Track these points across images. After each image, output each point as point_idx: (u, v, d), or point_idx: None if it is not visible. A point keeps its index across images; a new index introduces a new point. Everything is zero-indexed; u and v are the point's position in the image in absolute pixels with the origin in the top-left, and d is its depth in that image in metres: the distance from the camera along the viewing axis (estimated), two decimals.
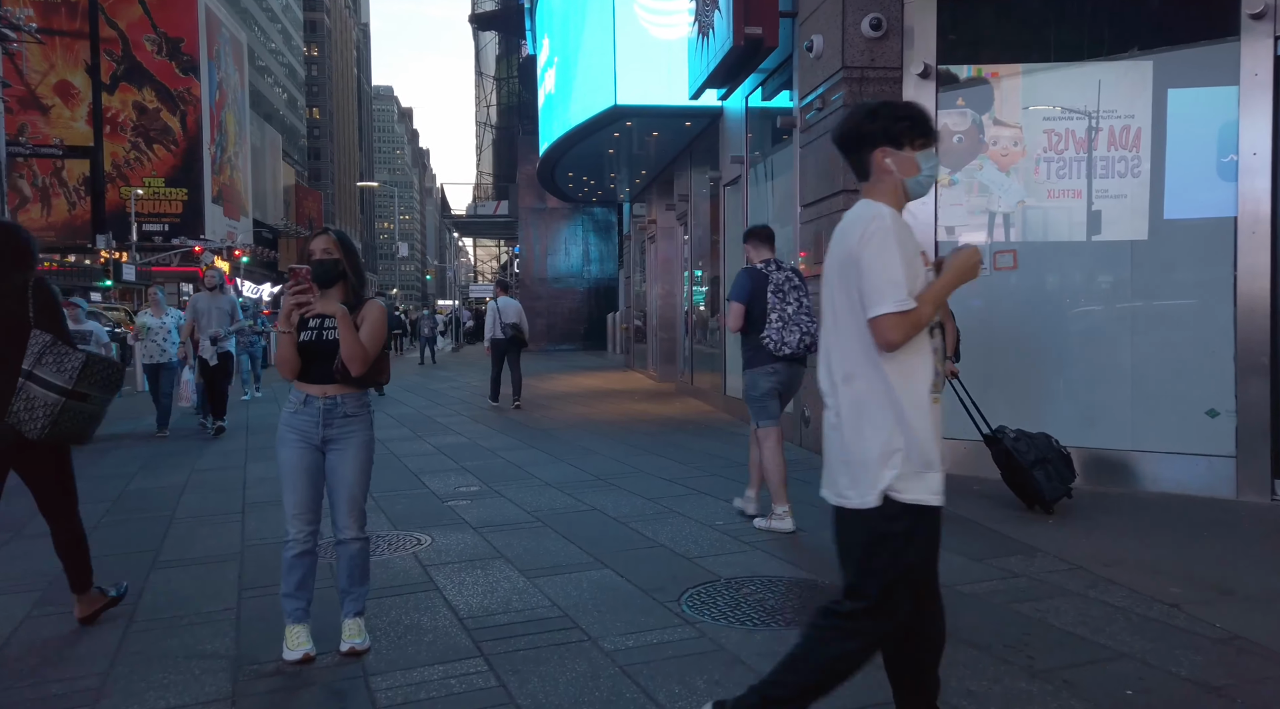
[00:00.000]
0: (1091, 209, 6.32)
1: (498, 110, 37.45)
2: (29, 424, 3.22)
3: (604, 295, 30.78)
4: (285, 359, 3.13)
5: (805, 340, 4.88)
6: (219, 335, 9.29)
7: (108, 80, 68.07)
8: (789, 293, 4.92)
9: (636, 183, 16.06)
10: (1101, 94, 6.17)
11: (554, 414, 10.82)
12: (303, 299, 3.05)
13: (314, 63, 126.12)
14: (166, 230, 68.58)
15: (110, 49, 68.08)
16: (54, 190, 67.45)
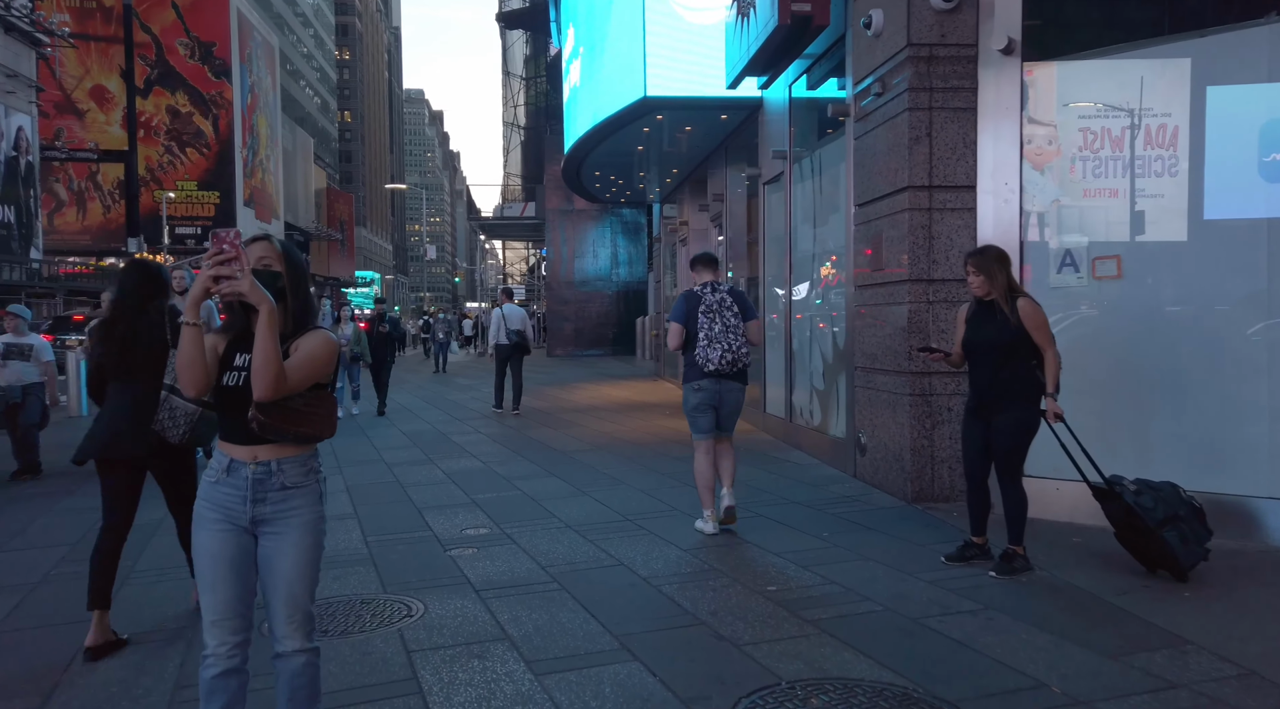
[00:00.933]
0: (1135, 209, 5.51)
1: (526, 110, 36.80)
2: (171, 431, 3.67)
3: (633, 299, 29.94)
4: (190, 363, 2.23)
5: (728, 357, 5.17)
6: None
7: (141, 85, 68.58)
8: (718, 313, 5.20)
9: (667, 182, 15.18)
10: (1136, 91, 5.51)
11: (578, 432, 9.99)
12: (225, 271, 2.17)
13: (345, 66, 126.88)
14: (199, 233, 68.97)
15: (144, 53, 68.45)
16: (89, 194, 68.02)
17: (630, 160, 13.71)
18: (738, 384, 5.38)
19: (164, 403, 3.65)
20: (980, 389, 4.43)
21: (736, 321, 5.23)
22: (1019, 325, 4.23)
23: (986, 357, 4.36)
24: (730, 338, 5.18)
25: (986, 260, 4.37)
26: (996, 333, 4.28)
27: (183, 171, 70.69)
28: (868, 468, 6.67)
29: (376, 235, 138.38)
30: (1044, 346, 4.26)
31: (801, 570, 4.50)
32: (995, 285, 4.33)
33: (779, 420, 9.14)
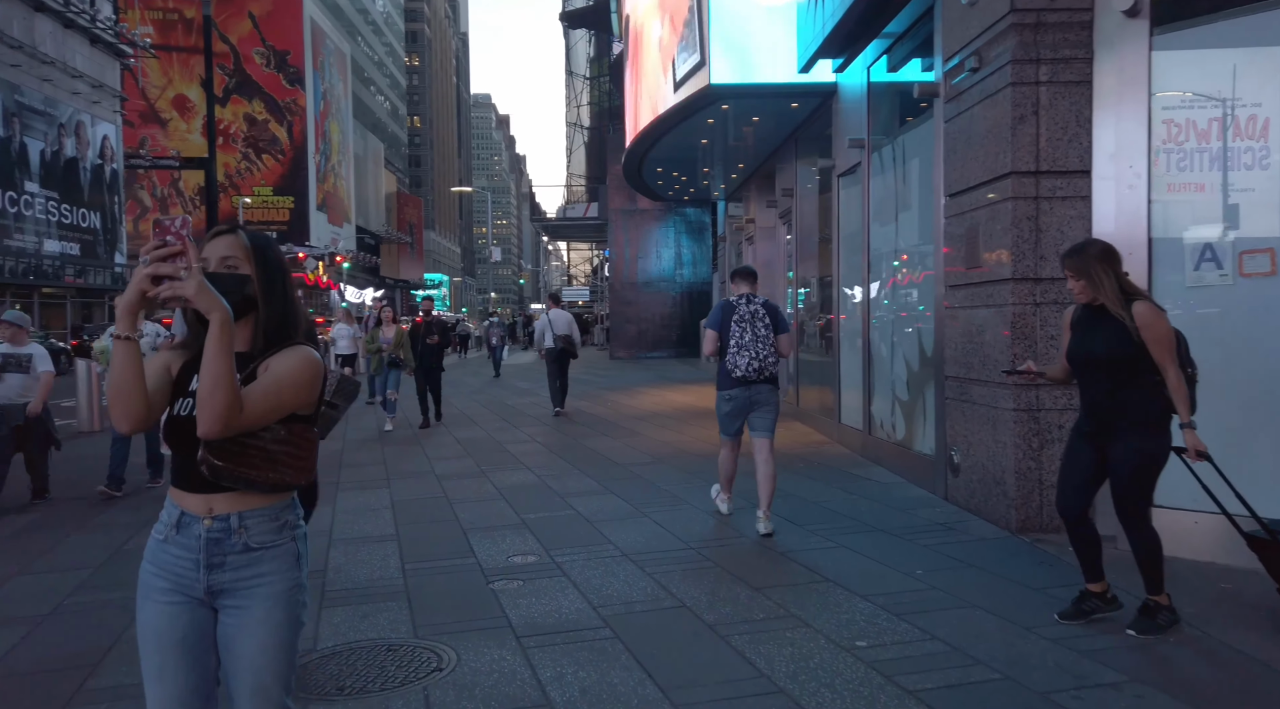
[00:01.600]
0: (1228, 202, 4.73)
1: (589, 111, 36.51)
2: None
3: (697, 300, 29.29)
4: (120, 390, 1.71)
5: (754, 364, 5.44)
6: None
7: (220, 94, 70.85)
8: (750, 323, 5.47)
9: (733, 178, 14.52)
10: (1224, 81, 4.77)
11: (638, 442, 9.43)
12: (165, 270, 1.66)
13: (415, 72, 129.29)
14: (275, 237, 70.77)
15: (223, 63, 70.89)
16: (172, 200, 70.55)
17: (694, 155, 13.10)
18: (770, 386, 5.62)
19: None
20: (1093, 410, 3.67)
21: (767, 333, 5.48)
22: (1135, 330, 3.50)
23: (1099, 372, 3.62)
24: (759, 347, 5.45)
25: (1084, 261, 3.60)
26: (1110, 344, 3.54)
27: (259, 177, 72.84)
28: (961, 490, 5.94)
29: (445, 238, 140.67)
30: (1163, 364, 3.46)
31: (895, 620, 3.84)
32: (1102, 289, 3.56)
33: (856, 432, 8.43)
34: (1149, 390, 3.52)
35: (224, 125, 71.10)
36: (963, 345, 5.88)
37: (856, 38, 7.72)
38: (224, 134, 71.17)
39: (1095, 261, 3.57)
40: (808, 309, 10.98)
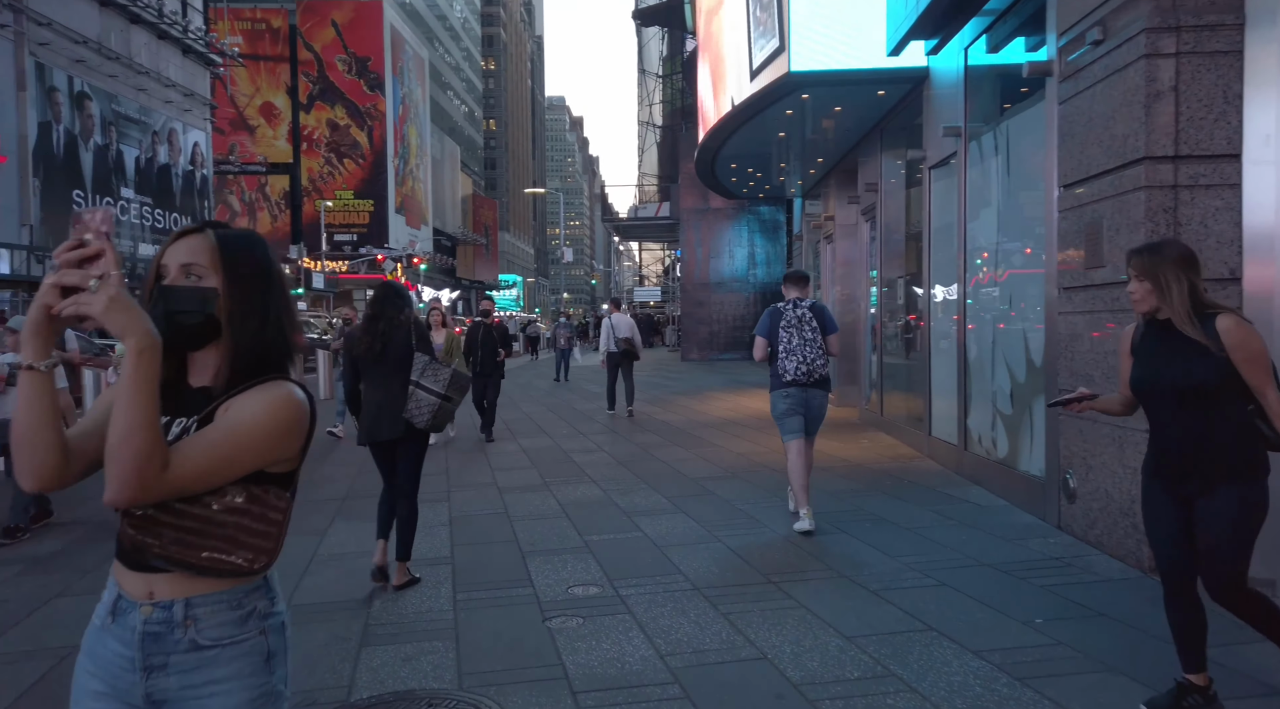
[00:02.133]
0: None
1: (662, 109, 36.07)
2: (418, 417, 4.49)
3: (771, 301, 28.48)
4: (25, 440, 1.30)
5: (803, 368, 5.51)
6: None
7: (304, 100, 73.02)
8: (797, 328, 5.54)
9: (810, 174, 13.84)
10: None
11: (711, 453, 8.91)
12: (71, 280, 1.27)
13: (490, 76, 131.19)
14: (355, 240, 72.70)
15: (307, 70, 73.00)
16: (259, 205, 73.07)
17: (770, 150, 12.49)
18: (821, 391, 5.70)
19: (411, 395, 4.48)
20: (1168, 451, 2.93)
21: (814, 335, 5.56)
22: (1223, 357, 2.77)
23: (1171, 403, 2.89)
24: (807, 350, 5.53)
25: (1158, 261, 2.86)
26: (1185, 368, 2.83)
27: (340, 181, 74.80)
28: (1079, 519, 5.24)
29: (519, 239, 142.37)
30: (1261, 389, 2.76)
31: (1017, 685, 3.24)
32: (1168, 298, 2.84)
33: (949, 447, 7.73)
34: (1237, 426, 2.82)
35: (308, 131, 73.22)
36: (1080, 355, 5.19)
37: (953, 16, 7.04)
38: (308, 140, 73.28)
39: (1170, 265, 2.84)
40: (890, 309, 10.28)
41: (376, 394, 4.58)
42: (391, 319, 4.60)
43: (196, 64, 48.60)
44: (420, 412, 4.50)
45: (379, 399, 4.56)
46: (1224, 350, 2.75)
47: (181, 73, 46.92)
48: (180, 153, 47.81)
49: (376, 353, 4.56)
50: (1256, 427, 2.81)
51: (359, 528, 5.74)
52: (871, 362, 11.01)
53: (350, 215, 73.69)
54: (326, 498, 6.95)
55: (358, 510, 6.35)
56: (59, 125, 37.62)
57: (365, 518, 5.49)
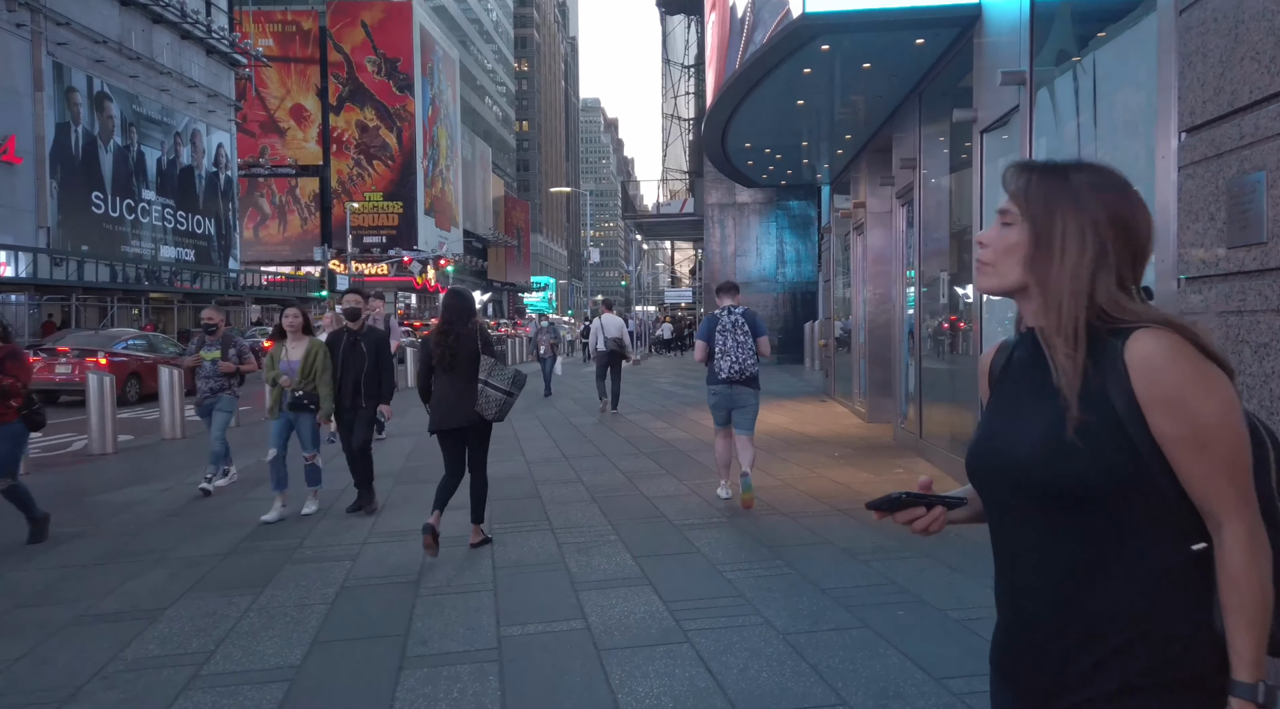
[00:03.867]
0: None
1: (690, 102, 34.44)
2: (488, 411, 5.25)
3: (801, 302, 26.78)
4: None
5: (735, 367, 6.23)
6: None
7: (334, 102, 72.62)
8: (731, 332, 6.25)
9: (838, 156, 12.10)
10: None
11: (708, 486, 7.25)
12: None
13: (523, 78, 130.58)
14: (384, 242, 72.14)
15: (337, 72, 72.63)
16: (289, 207, 72.86)
17: (789, 122, 10.77)
18: (750, 389, 6.33)
19: (481, 392, 5.21)
20: (1015, 619, 1.29)
21: (746, 339, 6.21)
22: (1127, 406, 1.15)
23: (1018, 511, 1.27)
24: (739, 352, 6.20)
25: (1057, 196, 1.24)
26: (1046, 438, 1.21)
27: (370, 183, 74.34)
28: None
29: (552, 241, 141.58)
30: (1218, 501, 1.14)
31: None
32: (1047, 275, 1.24)
33: None
34: (1163, 574, 1.18)
35: (337, 133, 72.80)
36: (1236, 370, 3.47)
37: None
38: (337, 141, 72.87)
39: (1081, 211, 1.23)
40: (931, 309, 8.54)
41: (448, 390, 5.26)
42: (459, 331, 5.30)
43: (220, 64, 48.07)
44: (489, 405, 5.20)
45: (451, 395, 5.24)
46: (1136, 406, 1.16)
47: (205, 73, 46.36)
48: (204, 154, 47.25)
49: (449, 357, 5.23)
50: (1201, 583, 1.19)
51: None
52: (909, 371, 9.28)
53: (379, 217, 73.14)
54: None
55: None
56: (78, 126, 37.00)
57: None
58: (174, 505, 6.90)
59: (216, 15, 47.27)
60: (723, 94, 9.21)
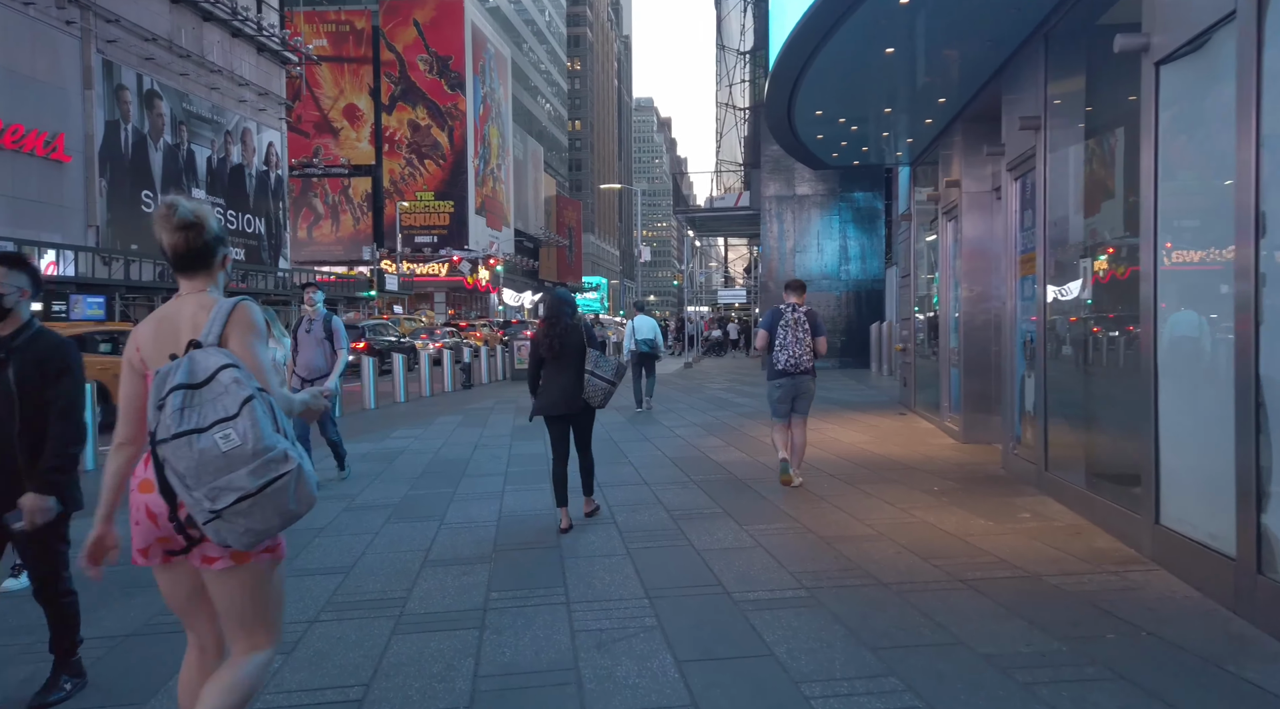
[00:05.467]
0: None
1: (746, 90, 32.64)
2: (594, 399, 5.78)
3: (866, 301, 24.82)
4: None
5: (791, 361, 6.78)
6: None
7: (387, 101, 72.43)
8: (792, 328, 6.76)
9: (926, 125, 10.28)
10: None
11: (778, 536, 5.60)
12: None
13: (576, 76, 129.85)
14: (435, 241, 71.73)
15: (389, 71, 72.47)
16: (342, 207, 72.91)
17: (870, 84, 9.02)
18: (808, 377, 6.93)
19: (587, 381, 5.71)
20: None
21: (805, 335, 6.78)
22: None
23: None
24: (797, 348, 6.77)
25: None
26: None
27: (421, 182, 74.06)
28: None
29: (604, 241, 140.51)
30: None
31: None
32: None
33: (1217, 560, 4.20)
34: None
35: (390, 132, 72.62)
36: None
37: None
38: (389, 141, 72.68)
39: None
40: (1062, 307, 6.75)
41: (556, 380, 5.79)
42: (565, 324, 5.82)
43: (271, 62, 47.75)
44: (595, 394, 5.77)
45: (559, 384, 5.77)
46: None
47: (256, 71, 46.05)
48: (254, 153, 46.95)
49: (557, 350, 5.76)
50: None
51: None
52: (1025, 385, 7.48)
53: (430, 216, 72.74)
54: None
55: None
56: (127, 124, 36.71)
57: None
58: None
59: (267, 13, 46.99)
60: (792, 42, 7.51)
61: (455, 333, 35.67)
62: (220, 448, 2.02)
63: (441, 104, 73.01)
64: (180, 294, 2.35)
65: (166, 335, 2.27)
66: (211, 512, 2.03)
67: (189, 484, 2.04)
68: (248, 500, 2.03)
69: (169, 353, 2.22)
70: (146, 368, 2.29)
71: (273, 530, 2.12)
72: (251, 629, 2.26)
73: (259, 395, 2.12)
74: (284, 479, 2.06)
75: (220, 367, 2.10)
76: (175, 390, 2.06)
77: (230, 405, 2.06)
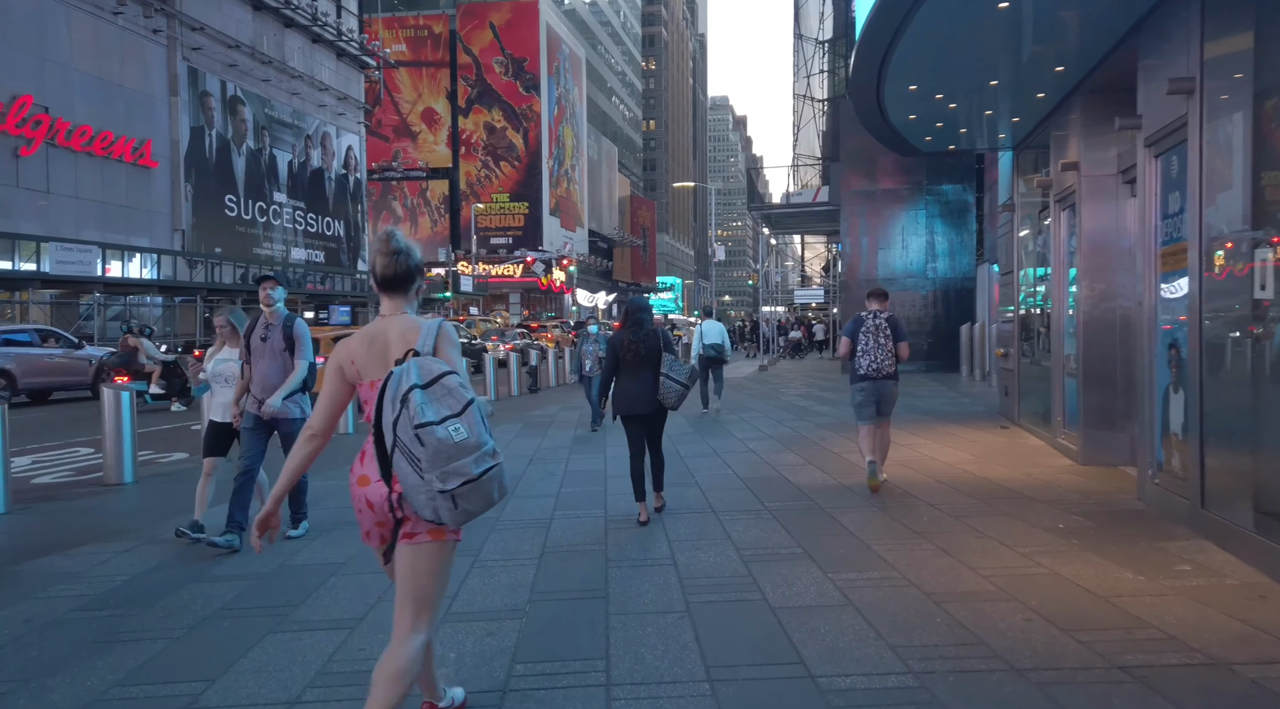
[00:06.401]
0: None
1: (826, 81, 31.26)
2: (669, 400, 6.09)
3: (955, 300, 23.27)
4: None
5: (874, 366, 7.02)
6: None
7: (463, 104, 73.11)
8: (874, 334, 7.03)
9: (1038, 101, 9.02)
10: None
11: (875, 590, 4.59)
12: None
13: (651, 76, 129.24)
14: (510, 242, 72.04)
15: (466, 74, 73.14)
16: (420, 210, 73.94)
17: (974, 53, 7.87)
18: (891, 382, 7.13)
19: (663, 383, 6.04)
20: None
21: (887, 341, 7.03)
22: None
23: None
24: (879, 353, 7.02)
25: None
26: None
27: (496, 184, 74.51)
28: None
29: (678, 241, 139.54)
30: None
31: None
32: None
33: None
34: None
35: (466, 135, 73.30)
36: None
37: None
38: (466, 143, 73.37)
39: None
40: (1224, 304, 5.53)
41: (633, 382, 6.15)
42: (646, 330, 6.18)
43: (350, 67, 48.46)
44: (669, 396, 6.08)
45: (635, 386, 6.13)
46: None
47: (335, 77, 46.77)
48: (333, 157, 47.68)
49: (637, 353, 6.11)
50: None
51: None
52: (1170, 399, 6.25)
53: (505, 218, 73.11)
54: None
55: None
56: (211, 130, 37.54)
57: None
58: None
59: (346, 18, 47.69)
60: (883, 2, 6.45)
61: (526, 334, 35.26)
62: (453, 438, 2.37)
63: (517, 106, 73.30)
64: (383, 313, 2.73)
65: (378, 350, 2.66)
66: (441, 491, 2.37)
67: (423, 468, 2.37)
68: (470, 484, 2.38)
69: (380, 364, 2.64)
70: (360, 377, 2.69)
71: (478, 513, 2.46)
72: (420, 606, 2.59)
73: (477, 399, 2.48)
74: (495, 470, 2.44)
75: (444, 373, 2.48)
76: (414, 389, 2.42)
77: (455, 404, 2.42)
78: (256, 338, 5.75)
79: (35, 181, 26.94)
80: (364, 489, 2.60)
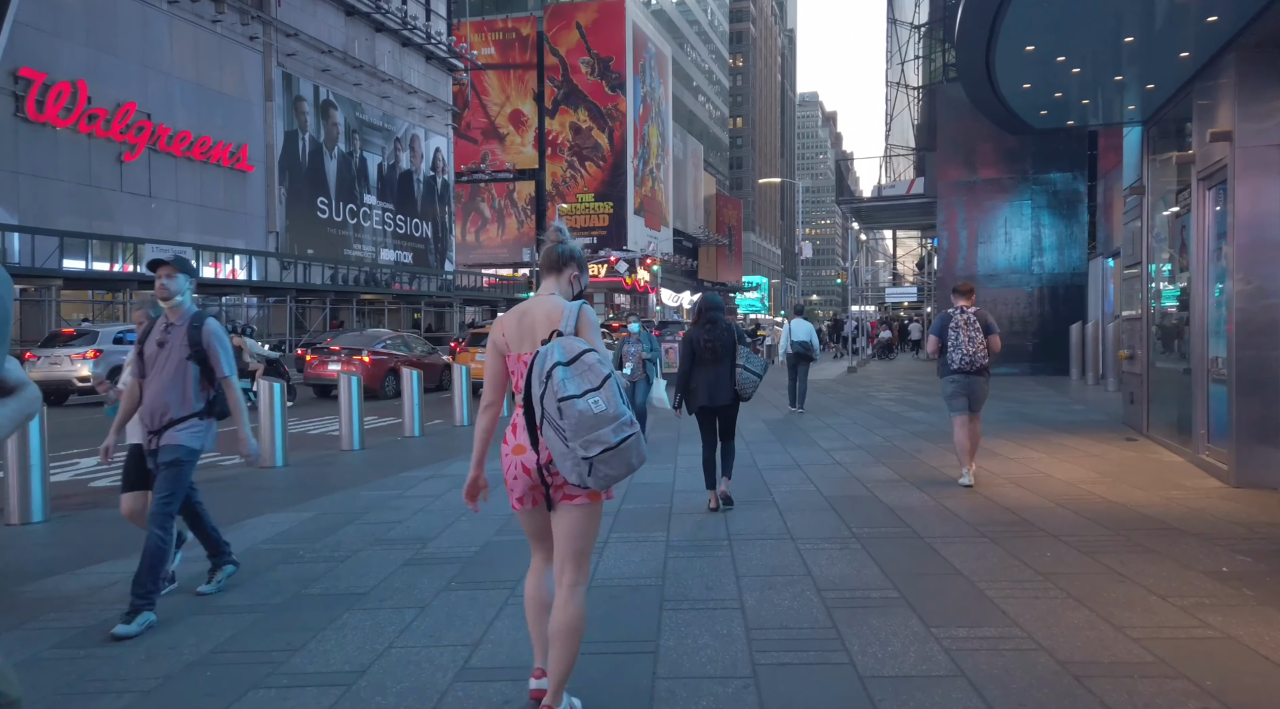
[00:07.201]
0: None
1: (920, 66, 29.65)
2: (745, 391, 6.40)
3: (1063, 297, 21.51)
4: None
5: (966, 360, 7.05)
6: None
7: (550, 105, 73.43)
8: (963, 329, 7.08)
9: (1180, 61, 7.77)
10: None
11: (1015, 643, 3.67)
12: None
13: (738, 73, 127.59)
14: (595, 243, 71.98)
15: (552, 75, 73.44)
16: (507, 211, 74.64)
17: (1104, 6, 6.75)
18: (982, 378, 7.14)
19: (739, 375, 6.33)
20: None
21: (977, 334, 7.05)
22: None
23: None
24: (970, 346, 7.04)
25: None
26: None
27: (582, 184, 74.59)
28: None
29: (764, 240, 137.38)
30: None
31: None
32: None
33: None
34: None
35: (552, 136, 73.58)
36: None
37: None
38: (552, 144, 73.65)
39: None
40: None
41: (710, 374, 6.40)
42: (722, 326, 6.45)
43: (439, 70, 49.06)
44: (745, 387, 6.37)
45: (712, 378, 6.39)
46: None
47: (424, 80, 47.41)
48: (422, 159, 48.37)
49: (714, 350, 6.36)
50: None
51: None
52: None
53: (590, 218, 73.03)
54: None
55: None
56: (304, 134, 38.44)
57: None
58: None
59: (435, 22, 48.29)
60: None
61: (607, 333, 34.79)
62: (593, 410, 2.67)
63: (602, 105, 73.15)
64: (539, 292, 3.07)
65: (526, 326, 2.97)
66: (584, 458, 2.68)
67: (568, 437, 2.68)
68: (610, 451, 2.68)
69: (528, 339, 2.96)
70: (509, 350, 3.01)
71: (619, 477, 2.77)
72: (581, 560, 2.92)
73: (614, 374, 2.78)
74: (633, 438, 2.72)
75: (584, 350, 2.78)
76: (557, 366, 2.73)
77: (595, 379, 2.72)
78: (152, 343, 4.25)
79: (138, 186, 27.90)
80: (520, 457, 2.90)
